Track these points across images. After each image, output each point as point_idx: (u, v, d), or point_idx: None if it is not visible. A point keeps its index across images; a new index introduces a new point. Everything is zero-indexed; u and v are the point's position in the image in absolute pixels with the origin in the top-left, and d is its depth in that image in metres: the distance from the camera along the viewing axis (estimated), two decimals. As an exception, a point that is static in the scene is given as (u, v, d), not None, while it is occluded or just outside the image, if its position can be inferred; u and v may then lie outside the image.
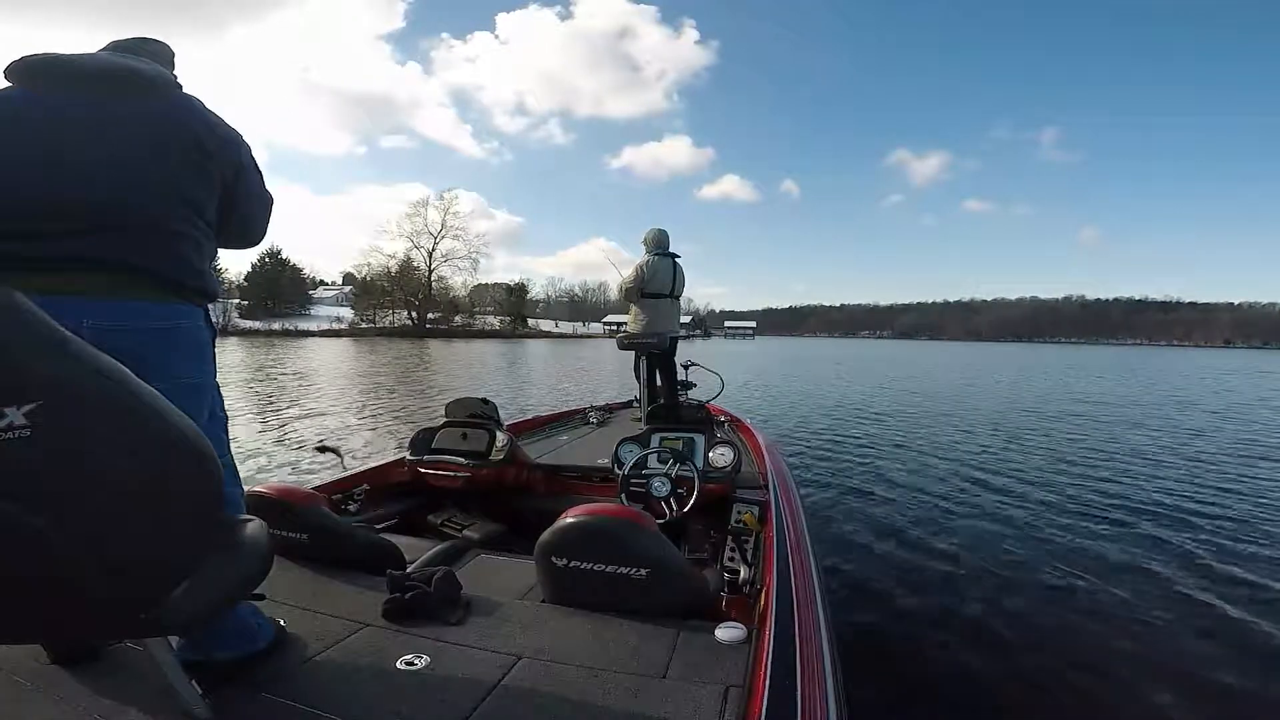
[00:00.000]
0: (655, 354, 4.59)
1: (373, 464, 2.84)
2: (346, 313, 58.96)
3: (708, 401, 4.57)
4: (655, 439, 2.77)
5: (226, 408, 1.33)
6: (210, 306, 1.27)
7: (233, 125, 1.28)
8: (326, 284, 76.25)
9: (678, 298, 4.79)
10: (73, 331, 0.77)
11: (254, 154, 1.35)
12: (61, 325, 0.76)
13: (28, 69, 1.12)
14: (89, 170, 1.07)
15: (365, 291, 59.47)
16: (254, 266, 56.90)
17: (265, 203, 1.40)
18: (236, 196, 1.30)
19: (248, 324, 49.30)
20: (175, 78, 1.26)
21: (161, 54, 1.30)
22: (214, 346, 1.28)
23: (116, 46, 1.27)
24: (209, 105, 1.26)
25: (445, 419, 2.99)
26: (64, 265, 1.05)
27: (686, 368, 4.77)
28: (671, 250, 4.82)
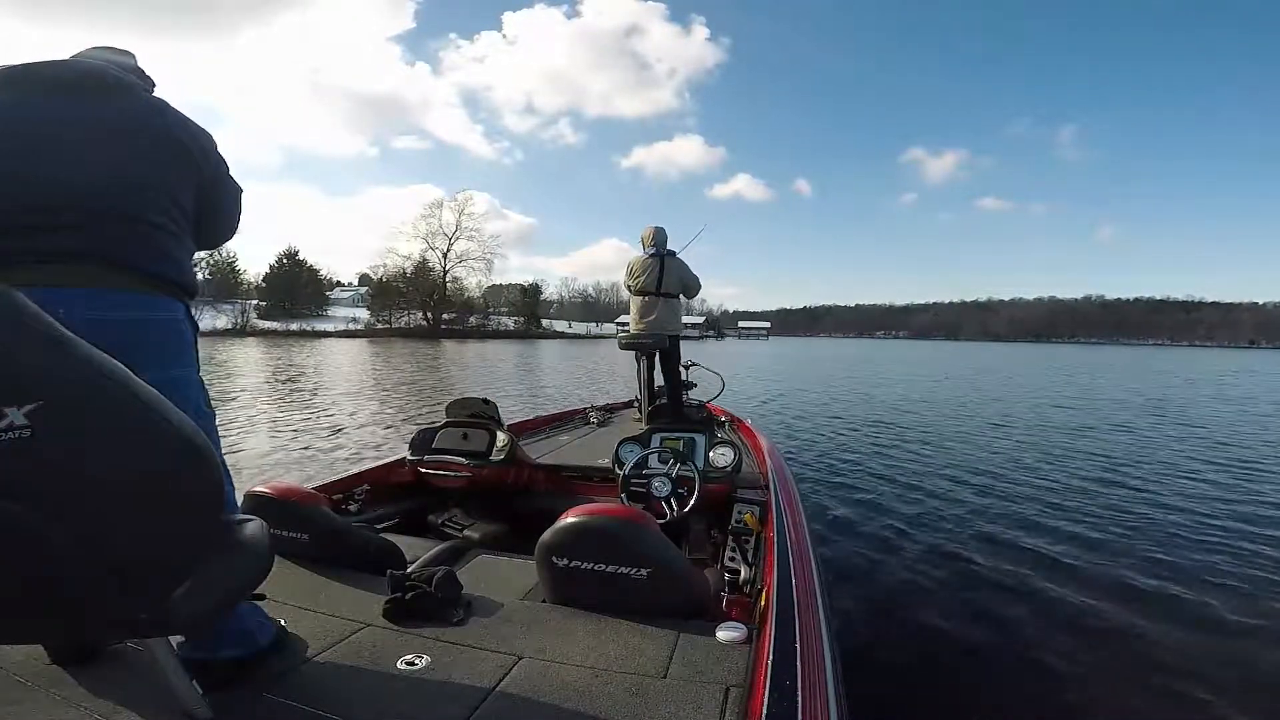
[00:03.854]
0: (653, 353, 4.57)
1: (374, 464, 2.86)
2: (363, 314, 59.54)
3: (708, 401, 4.57)
4: (656, 439, 2.78)
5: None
6: (191, 302, 1.28)
7: (201, 126, 1.30)
8: (343, 285, 76.94)
9: (670, 296, 4.62)
10: None
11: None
12: None
13: (2, 77, 1.14)
14: (63, 168, 1.10)
15: (381, 292, 60.02)
16: (272, 268, 57.73)
17: (238, 197, 1.43)
18: (216, 193, 1.33)
19: (266, 325, 49.94)
20: (147, 82, 1.30)
21: (126, 64, 1.32)
22: (196, 342, 1.29)
23: (85, 57, 1.29)
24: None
25: (446, 419, 3.01)
26: (41, 260, 1.07)
27: (687, 368, 4.74)
28: (670, 248, 4.68)
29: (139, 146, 1.17)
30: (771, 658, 1.16)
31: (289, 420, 8.22)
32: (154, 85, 1.33)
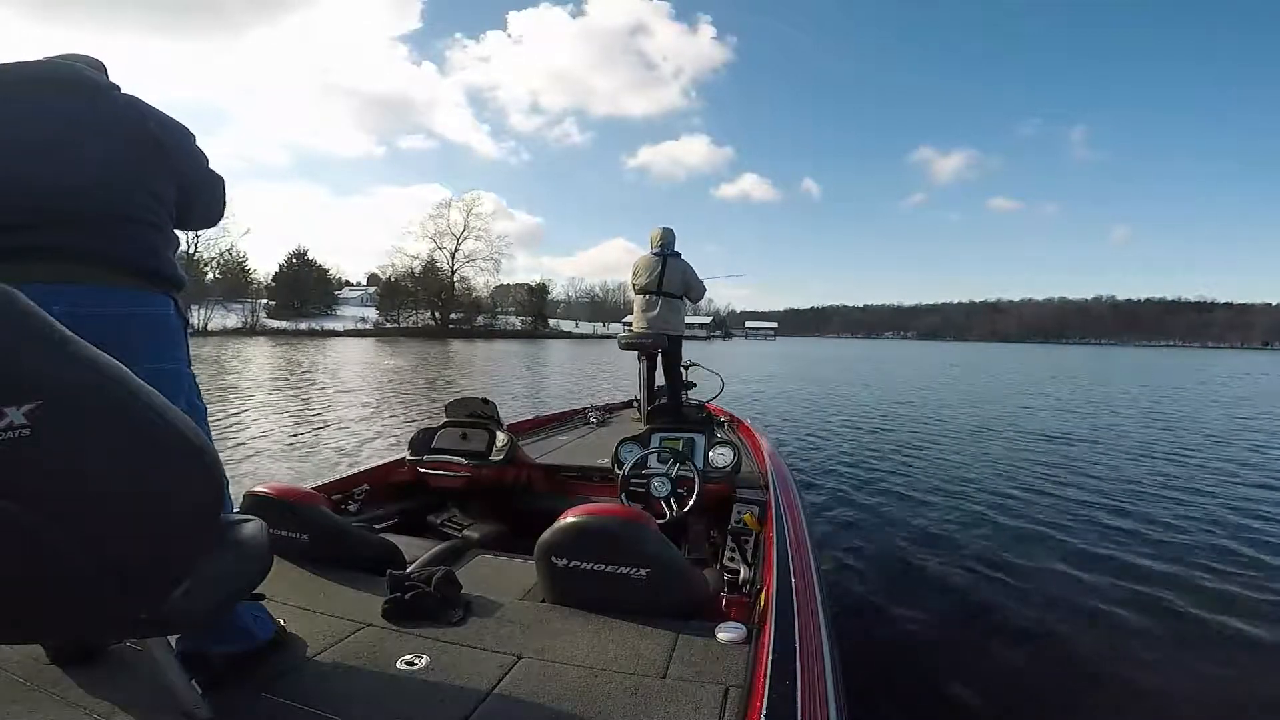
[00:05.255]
0: (653, 353, 4.55)
1: (373, 464, 2.87)
2: (371, 313, 59.77)
3: (708, 401, 4.56)
4: (655, 439, 2.78)
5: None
6: (179, 296, 1.29)
7: (178, 120, 1.32)
8: (351, 285, 77.05)
9: (672, 295, 4.58)
10: None
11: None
12: None
13: None
14: (46, 166, 1.11)
15: (389, 292, 60.30)
16: (281, 267, 57.91)
17: (217, 183, 1.44)
18: (196, 186, 1.35)
19: (275, 324, 50.18)
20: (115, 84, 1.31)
21: (95, 67, 1.32)
22: (187, 335, 1.30)
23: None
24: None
25: (445, 419, 3.01)
26: (26, 257, 1.08)
27: (686, 368, 4.74)
28: (676, 249, 4.67)
29: (120, 144, 1.18)
30: (771, 658, 1.15)
31: (289, 419, 8.25)
32: (106, 71, 1.34)
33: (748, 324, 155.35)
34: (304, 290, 57.56)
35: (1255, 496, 5.14)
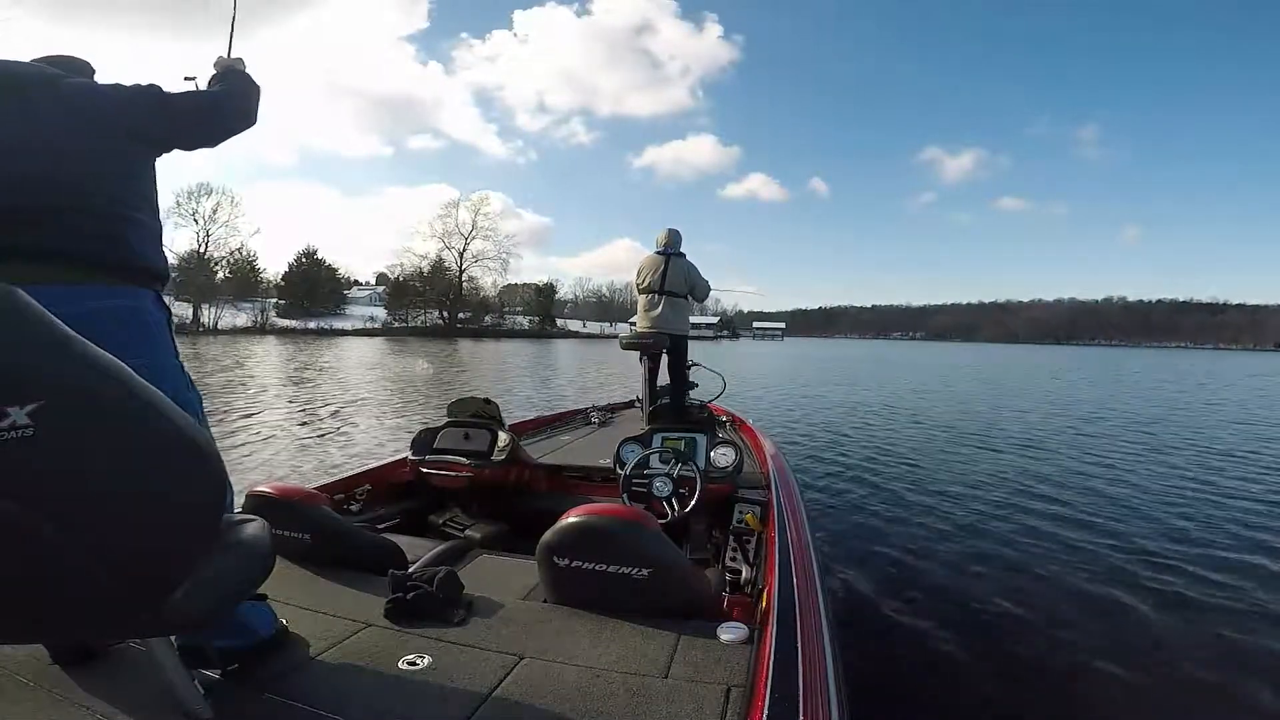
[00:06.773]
0: (655, 353, 4.55)
1: (375, 464, 2.87)
2: (380, 312, 60.25)
3: (709, 401, 4.55)
4: (657, 439, 2.77)
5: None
6: (161, 289, 1.28)
7: (136, 83, 1.29)
8: (360, 284, 77.44)
9: (675, 295, 4.58)
10: None
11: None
12: None
13: None
14: (6, 166, 1.10)
15: (398, 292, 60.66)
16: (290, 267, 58.35)
17: (219, 106, 1.40)
18: (190, 130, 1.34)
19: (284, 323, 50.61)
20: (83, 72, 1.29)
21: (80, 68, 1.32)
22: (171, 328, 1.29)
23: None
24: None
25: (447, 419, 3.01)
26: None
27: (689, 368, 4.73)
28: (679, 249, 4.67)
29: (80, 137, 1.17)
30: (773, 658, 1.16)
31: (292, 419, 8.29)
32: (93, 72, 1.32)
33: (755, 324, 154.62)
34: (313, 290, 57.88)
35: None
